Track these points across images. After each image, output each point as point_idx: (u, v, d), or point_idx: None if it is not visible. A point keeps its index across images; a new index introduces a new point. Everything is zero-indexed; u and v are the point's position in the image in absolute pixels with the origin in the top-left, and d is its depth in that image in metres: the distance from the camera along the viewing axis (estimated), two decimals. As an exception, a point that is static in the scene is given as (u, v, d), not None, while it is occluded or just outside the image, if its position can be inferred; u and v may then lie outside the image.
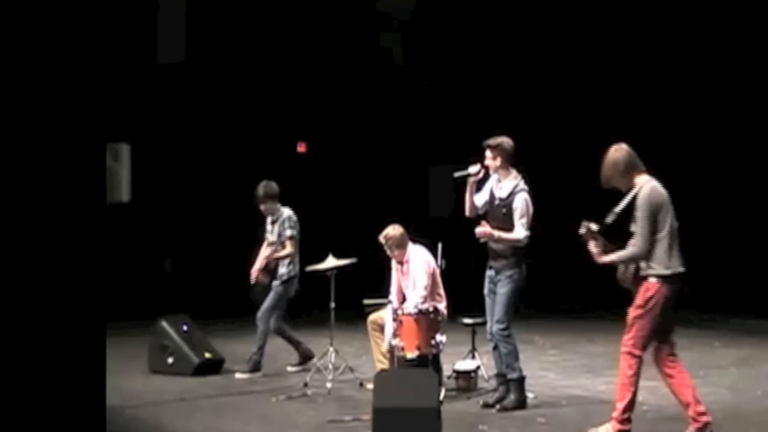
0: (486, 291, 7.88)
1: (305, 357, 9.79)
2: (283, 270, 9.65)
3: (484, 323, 8.90)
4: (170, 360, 9.38)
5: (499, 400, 7.82)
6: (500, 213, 7.78)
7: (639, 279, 6.54)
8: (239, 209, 14.53)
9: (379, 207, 14.04)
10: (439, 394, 7.04)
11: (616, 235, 6.58)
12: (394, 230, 8.52)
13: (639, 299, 6.54)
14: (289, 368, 9.74)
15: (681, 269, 6.52)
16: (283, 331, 9.83)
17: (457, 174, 7.84)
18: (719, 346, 11.05)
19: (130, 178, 6.68)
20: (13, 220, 4.57)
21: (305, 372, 8.98)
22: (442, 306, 8.48)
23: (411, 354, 8.02)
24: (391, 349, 8.19)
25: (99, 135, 4.92)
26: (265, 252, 9.85)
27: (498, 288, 7.73)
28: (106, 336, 5.04)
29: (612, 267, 6.64)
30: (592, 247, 6.58)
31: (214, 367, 9.51)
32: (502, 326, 7.72)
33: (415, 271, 8.48)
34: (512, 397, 7.77)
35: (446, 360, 8.54)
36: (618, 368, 9.56)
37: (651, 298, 6.49)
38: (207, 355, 9.49)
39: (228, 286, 14.03)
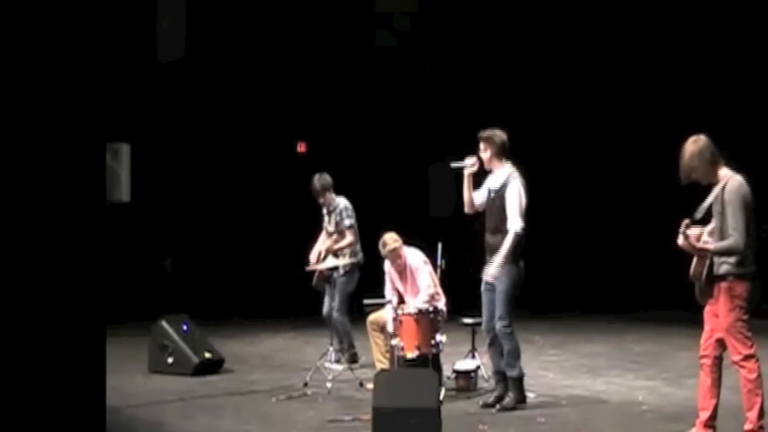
0: (483, 288, 7.81)
1: (353, 360, 9.52)
2: (345, 261, 9.50)
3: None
4: (170, 360, 9.38)
5: (499, 399, 7.81)
6: (495, 206, 7.74)
7: (717, 278, 6.33)
8: (239, 209, 14.59)
9: (380, 207, 14.06)
10: (439, 394, 7.03)
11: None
12: (389, 238, 8.51)
13: (728, 303, 6.31)
14: (327, 364, 8.99)
15: (753, 268, 6.34)
16: (343, 325, 9.60)
17: (453, 164, 7.84)
18: (719, 346, 11.03)
19: (130, 178, 6.69)
20: (13, 219, 4.57)
21: (305, 371, 8.97)
22: (442, 304, 8.48)
23: (411, 354, 8.02)
24: (391, 349, 8.18)
25: (99, 135, 4.92)
26: (325, 242, 9.74)
27: (497, 285, 7.70)
28: (106, 336, 5.04)
29: (612, 269, 6.58)
30: (682, 241, 6.27)
31: (214, 367, 9.51)
32: (504, 323, 7.70)
33: (416, 274, 8.48)
34: (511, 395, 7.75)
35: (446, 360, 8.54)
36: (618, 368, 9.58)
37: (736, 296, 6.29)
38: (207, 355, 9.49)
39: (228, 285, 14.06)
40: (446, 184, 8.78)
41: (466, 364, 8.60)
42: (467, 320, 8.92)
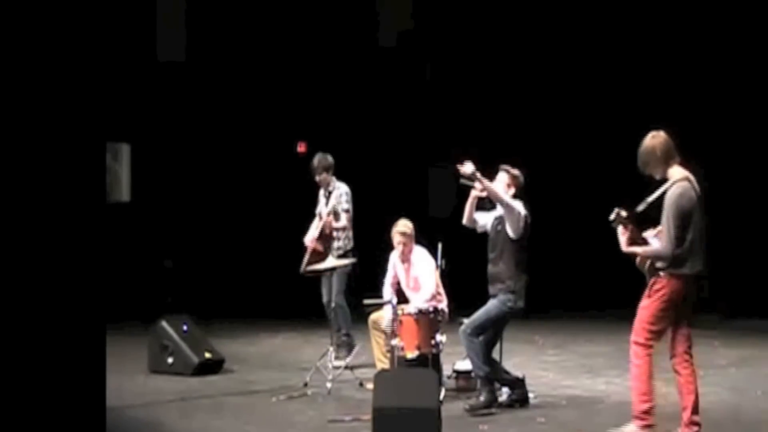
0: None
1: (349, 348, 9.63)
2: (338, 243, 9.67)
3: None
4: (170, 360, 9.38)
5: (512, 400, 7.83)
6: (499, 237, 7.80)
7: (653, 270, 6.53)
8: (239, 209, 14.58)
9: (379, 207, 14.05)
10: (439, 394, 7.03)
11: (648, 223, 6.55)
12: (408, 223, 8.55)
13: (648, 291, 6.55)
14: (336, 362, 9.05)
15: (697, 270, 6.48)
16: (343, 310, 9.71)
17: (462, 181, 7.85)
18: (719, 346, 11.05)
19: (130, 178, 6.68)
20: (13, 219, 4.57)
21: (305, 371, 8.97)
22: (443, 305, 8.48)
23: (411, 354, 8.02)
24: (391, 349, 8.18)
25: (99, 135, 4.92)
26: (318, 226, 9.75)
27: (490, 301, 7.79)
28: (106, 336, 5.04)
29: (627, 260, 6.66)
30: (621, 234, 6.53)
31: (214, 367, 9.51)
32: (470, 328, 7.72)
33: (421, 273, 8.49)
34: (485, 389, 7.75)
35: (446, 360, 8.54)
36: (618, 368, 9.58)
37: (658, 291, 6.48)
38: (207, 355, 9.49)
39: (228, 285, 14.05)
40: (446, 185, 8.78)
41: (466, 364, 8.59)
42: (467, 320, 8.92)
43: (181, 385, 8.87)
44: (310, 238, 9.72)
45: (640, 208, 6.48)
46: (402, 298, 8.61)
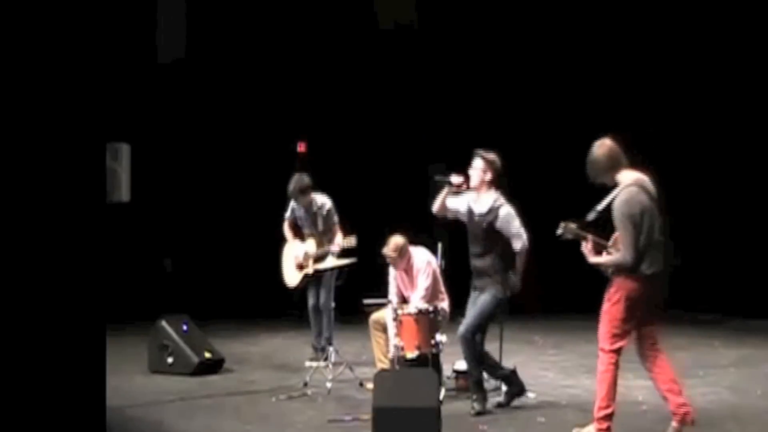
0: (470, 301, 7.87)
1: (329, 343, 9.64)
2: (344, 261, 9.55)
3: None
4: (170, 360, 9.38)
5: (511, 395, 7.84)
6: (480, 229, 7.75)
7: (612, 273, 6.60)
8: (239, 209, 14.57)
9: (380, 207, 14.04)
10: (439, 394, 7.03)
11: (606, 229, 6.61)
12: (397, 240, 8.49)
13: (606, 295, 6.61)
14: (308, 363, 9.49)
15: (653, 270, 6.51)
16: (330, 314, 9.74)
17: (437, 177, 7.88)
18: (719, 346, 11.05)
19: (130, 178, 6.69)
20: (13, 219, 4.57)
21: (305, 371, 8.97)
22: (445, 305, 8.48)
23: (411, 354, 8.02)
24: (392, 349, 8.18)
25: (99, 135, 4.92)
26: (312, 243, 9.76)
27: (479, 298, 7.75)
28: (106, 336, 5.04)
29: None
30: (583, 247, 6.63)
31: (214, 366, 9.51)
32: (471, 330, 7.69)
33: (417, 273, 8.48)
34: (478, 396, 7.74)
35: (446, 360, 8.53)
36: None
37: (615, 293, 6.53)
38: (207, 354, 9.49)
39: (228, 285, 14.04)
40: (444, 184, 8.77)
41: (466, 364, 8.60)
42: (463, 326, 8.91)
43: (181, 385, 8.87)
44: (303, 257, 9.74)
45: (590, 217, 6.57)
46: (405, 301, 8.61)
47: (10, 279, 4.54)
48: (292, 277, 9.88)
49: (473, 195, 7.83)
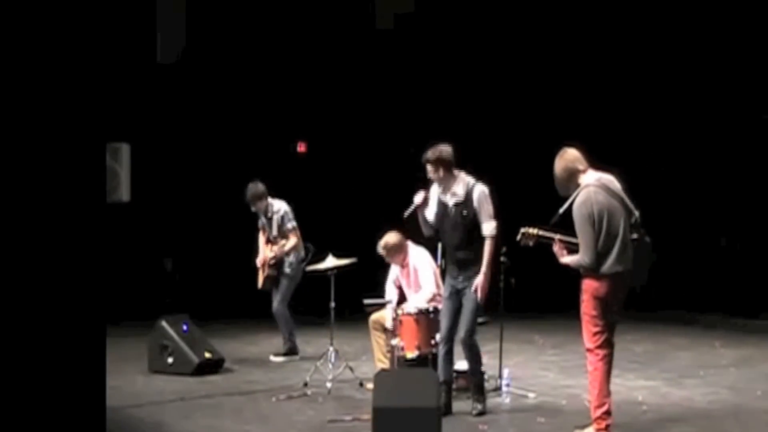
0: (446, 294, 7.72)
1: (291, 352, 10.18)
2: (290, 259, 10.15)
3: (483, 323, 8.89)
4: (170, 360, 9.38)
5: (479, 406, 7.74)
6: (460, 219, 7.56)
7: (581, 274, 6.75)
8: (239, 209, 14.56)
9: (380, 207, 14.04)
10: (439, 394, 7.03)
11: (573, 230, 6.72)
12: (390, 237, 8.51)
13: (582, 295, 6.73)
14: (272, 357, 10.19)
15: (617, 269, 6.59)
16: (285, 317, 10.23)
17: (406, 213, 7.81)
18: (719, 346, 11.05)
19: (130, 178, 6.69)
20: (13, 219, 4.57)
21: (305, 371, 8.97)
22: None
23: (411, 354, 8.02)
24: (391, 349, 8.18)
25: (99, 135, 4.92)
26: (267, 248, 10.29)
27: (465, 297, 7.58)
28: (106, 336, 5.04)
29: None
30: (555, 248, 6.82)
31: (214, 366, 9.51)
32: (469, 334, 7.63)
33: (420, 274, 8.48)
34: (479, 397, 7.71)
35: (446, 360, 8.53)
36: (618, 368, 9.58)
37: (583, 293, 6.68)
38: (207, 355, 9.49)
39: (228, 286, 14.03)
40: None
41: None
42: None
43: (181, 385, 8.87)
44: (261, 259, 10.28)
45: (554, 220, 6.76)
46: (404, 299, 8.61)
47: (10, 279, 4.54)
48: (259, 279, 10.43)
49: (438, 190, 7.68)
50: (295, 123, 14.95)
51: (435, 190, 7.73)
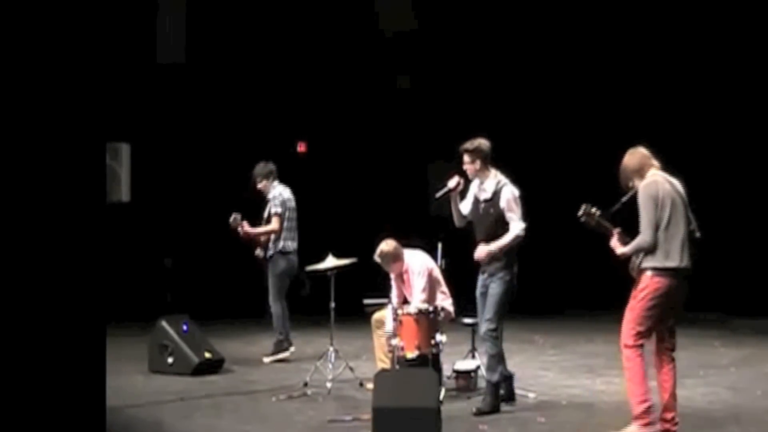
0: (478, 293, 7.82)
1: (280, 350, 10.10)
2: (272, 249, 10.13)
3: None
4: (170, 360, 9.38)
5: (502, 398, 7.81)
6: (487, 215, 7.69)
7: (640, 270, 6.58)
8: (239, 209, 14.56)
9: (380, 207, 14.05)
10: (439, 394, 7.03)
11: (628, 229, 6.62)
12: (387, 246, 8.47)
13: (633, 291, 6.60)
14: (265, 359, 10.07)
15: (678, 265, 6.50)
16: (275, 310, 10.13)
17: (438, 194, 7.83)
18: (719, 346, 11.05)
19: (129, 178, 6.69)
20: (13, 219, 4.57)
21: (305, 371, 8.96)
22: (448, 303, 8.46)
23: (411, 354, 8.01)
24: (391, 349, 8.18)
25: (99, 135, 4.92)
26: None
27: (490, 289, 7.69)
28: (106, 336, 5.04)
29: (621, 263, 6.68)
30: (612, 241, 6.64)
31: (214, 366, 9.51)
32: (492, 326, 7.65)
33: (412, 281, 8.46)
34: (487, 400, 7.68)
35: (446, 360, 8.53)
36: (618, 368, 9.57)
37: (642, 289, 6.53)
38: (207, 355, 9.49)
39: (228, 286, 14.04)
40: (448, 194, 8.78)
41: (466, 364, 8.60)
42: (467, 320, 8.92)
43: (181, 385, 8.87)
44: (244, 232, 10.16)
45: (615, 207, 6.65)
46: (405, 301, 8.60)
47: (10, 279, 4.54)
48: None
49: (476, 183, 7.81)
50: (295, 123, 14.95)
51: (474, 184, 7.81)
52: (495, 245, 7.59)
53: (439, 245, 8.81)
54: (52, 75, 4.65)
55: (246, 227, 10.12)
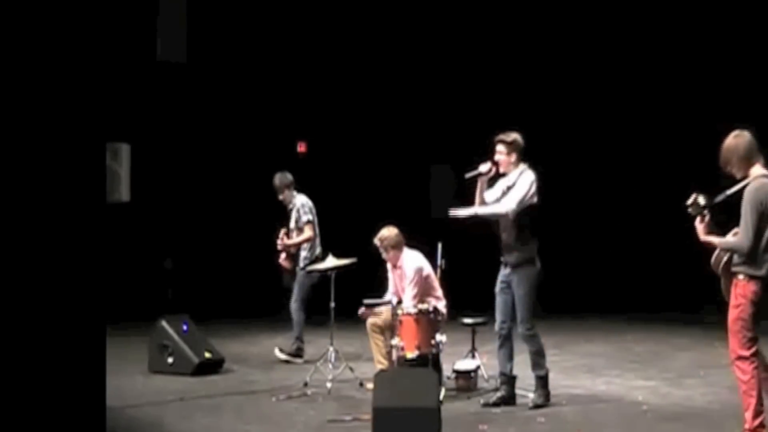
0: (498, 288, 7.85)
1: (296, 354, 10.12)
2: (304, 254, 10.17)
3: (483, 323, 8.91)
4: (170, 360, 9.38)
5: (503, 399, 7.83)
6: None
7: (729, 273, 6.40)
8: (239, 209, 14.58)
9: (380, 207, 14.04)
10: (439, 394, 7.03)
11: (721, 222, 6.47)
12: (388, 231, 8.56)
13: (733, 299, 6.39)
14: (277, 352, 10.21)
15: (765, 274, 6.30)
16: (298, 316, 10.19)
17: (468, 174, 7.83)
18: (719, 346, 11.02)
19: (129, 178, 6.69)
20: (13, 219, 4.57)
21: (305, 371, 8.97)
22: (441, 305, 8.47)
23: (411, 354, 8.01)
24: (391, 349, 8.18)
25: (99, 135, 4.92)
26: (285, 239, 10.31)
27: (515, 288, 7.71)
28: (106, 336, 5.04)
29: (623, 265, 6.60)
30: (698, 222, 6.45)
31: (214, 366, 9.51)
32: (528, 325, 7.74)
33: (405, 278, 8.48)
34: (541, 392, 7.83)
35: (446, 360, 8.54)
36: (618, 368, 9.59)
37: (743, 296, 6.32)
38: (207, 354, 9.49)
39: (228, 286, 14.05)
40: (447, 185, 8.78)
41: (466, 364, 8.61)
42: (467, 320, 8.93)
43: (181, 385, 8.87)
44: (280, 254, 10.30)
45: (719, 198, 6.41)
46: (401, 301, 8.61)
47: (10, 279, 4.54)
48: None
49: (505, 179, 7.85)
50: (295, 123, 14.95)
51: (503, 181, 7.84)
52: (476, 209, 7.71)
53: (439, 245, 8.81)
54: (52, 75, 4.65)
55: (285, 240, 10.19)
